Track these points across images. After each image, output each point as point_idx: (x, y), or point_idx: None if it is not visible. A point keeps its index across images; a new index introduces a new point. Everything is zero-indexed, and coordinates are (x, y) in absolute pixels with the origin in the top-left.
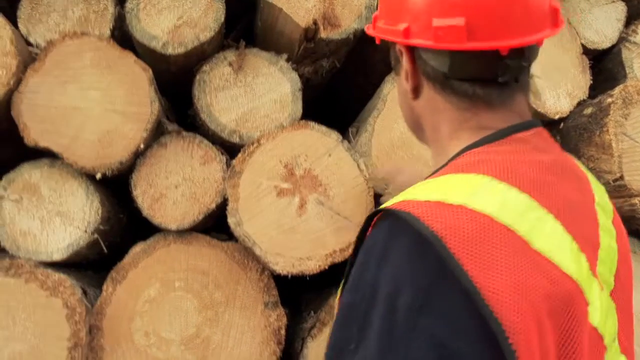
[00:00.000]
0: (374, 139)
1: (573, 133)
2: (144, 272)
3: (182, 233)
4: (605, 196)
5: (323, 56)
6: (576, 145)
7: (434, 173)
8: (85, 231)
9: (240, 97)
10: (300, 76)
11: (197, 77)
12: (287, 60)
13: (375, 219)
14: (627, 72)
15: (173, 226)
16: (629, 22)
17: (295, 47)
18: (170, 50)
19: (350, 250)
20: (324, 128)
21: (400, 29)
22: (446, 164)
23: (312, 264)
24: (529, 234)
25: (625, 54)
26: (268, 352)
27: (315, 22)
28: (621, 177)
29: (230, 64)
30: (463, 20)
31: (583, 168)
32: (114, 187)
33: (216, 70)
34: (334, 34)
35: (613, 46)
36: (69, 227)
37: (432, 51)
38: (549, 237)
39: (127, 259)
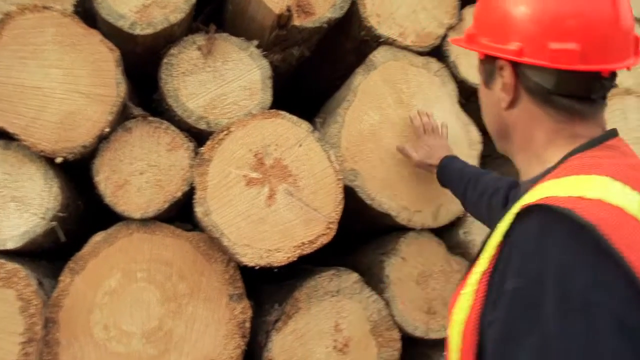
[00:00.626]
0: (343, 130)
1: None
2: (105, 262)
3: (145, 222)
4: None
5: (294, 44)
6: None
7: (545, 175)
8: (43, 218)
9: (209, 83)
10: (269, 64)
11: (165, 60)
12: (257, 47)
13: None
14: None
15: (137, 214)
16: None
17: (266, 33)
18: (138, 31)
19: (319, 243)
20: (294, 118)
21: (512, 48)
22: (556, 166)
23: (281, 256)
24: None
25: None
26: (232, 345)
27: (289, 9)
28: None
29: (199, 48)
30: (577, 45)
31: None
32: (71, 171)
33: (184, 54)
34: (308, 22)
35: None
36: (25, 213)
37: (538, 69)
38: None
39: (87, 248)
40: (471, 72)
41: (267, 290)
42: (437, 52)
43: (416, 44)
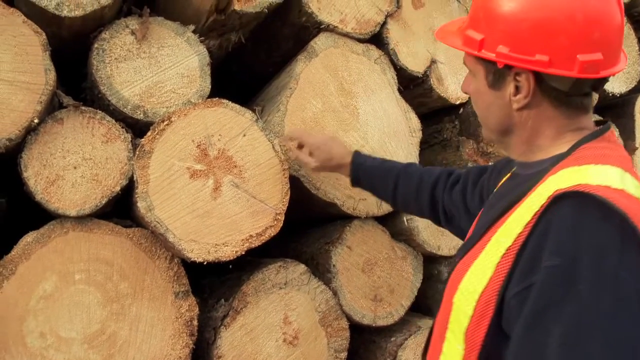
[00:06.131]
0: (287, 119)
1: (472, 118)
2: (38, 265)
3: (81, 219)
4: None
5: (232, 30)
6: (475, 130)
7: (558, 161)
8: None
9: (144, 70)
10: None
11: (96, 45)
12: (193, 32)
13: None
14: None
15: (72, 212)
16: None
17: (203, 18)
18: (65, 12)
19: (267, 235)
20: (237, 106)
21: (541, 60)
22: (567, 154)
23: (228, 250)
24: None
25: None
26: (180, 344)
27: None
28: None
29: (132, 33)
30: (601, 55)
31: None
32: None
33: (117, 39)
34: (248, 7)
35: None
36: None
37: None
38: None
39: (16, 250)
40: (410, 59)
41: (210, 284)
42: (376, 40)
43: (356, 31)
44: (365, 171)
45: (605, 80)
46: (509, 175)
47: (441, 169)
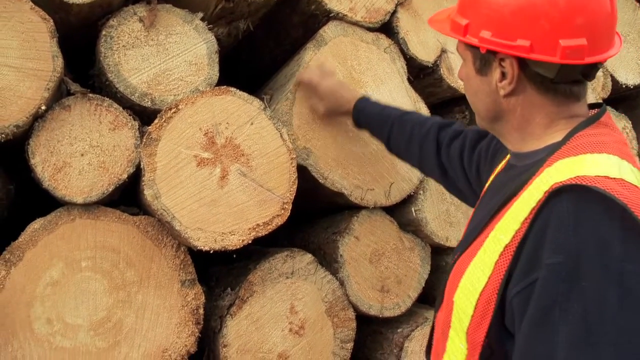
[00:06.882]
0: (295, 108)
1: None
2: (45, 251)
3: (88, 207)
4: None
5: (240, 17)
6: None
7: (554, 151)
8: None
9: (152, 57)
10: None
11: (103, 32)
12: (201, 19)
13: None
14: None
15: (79, 199)
16: None
17: (211, 5)
18: None
19: (274, 224)
20: (245, 95)
21: (522, 45)
22: (562, 143)
23: (235, 239)
24: None
25: None
26: (186, 333)
27: None
28: None
29: (140, 20)
30: (585, 40)
31: None
32: (1, 153)
33: (125, 26)
34: None
35: None
36: None
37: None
38: None
39: (24, 237)
40: (420, 49)
41: (217, 273)
42: (386, 29)
43: (366, 20)
44: (366, 117)
45: (597, 66)
46: (503, 164)
47: (433, 120)
